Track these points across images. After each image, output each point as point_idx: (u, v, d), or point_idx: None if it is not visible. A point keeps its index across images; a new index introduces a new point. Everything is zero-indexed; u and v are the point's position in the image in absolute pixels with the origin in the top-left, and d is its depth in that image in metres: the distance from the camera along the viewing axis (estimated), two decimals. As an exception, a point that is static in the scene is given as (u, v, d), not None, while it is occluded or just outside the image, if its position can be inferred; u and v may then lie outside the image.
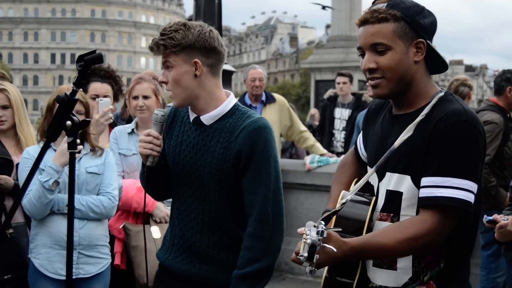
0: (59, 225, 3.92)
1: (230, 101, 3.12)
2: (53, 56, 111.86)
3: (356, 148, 2.97)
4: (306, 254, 2.27)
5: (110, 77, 5.10)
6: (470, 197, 2.38)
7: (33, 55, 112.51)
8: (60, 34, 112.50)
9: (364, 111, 7.65)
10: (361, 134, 2.94)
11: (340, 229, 2.46)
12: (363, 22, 2.52)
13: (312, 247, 2.26)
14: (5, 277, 4.07)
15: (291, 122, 7.80)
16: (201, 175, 3.05)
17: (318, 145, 8.06)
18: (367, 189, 2.69)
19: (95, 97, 4.82)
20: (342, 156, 7.87)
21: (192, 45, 2.98)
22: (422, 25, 2.49)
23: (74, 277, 3.92)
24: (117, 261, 4.48)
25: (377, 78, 2.52)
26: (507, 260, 4.41)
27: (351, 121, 8.95)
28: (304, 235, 2.30)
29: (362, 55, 2.57)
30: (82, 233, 4.00)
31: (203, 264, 3.08)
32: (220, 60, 3.09)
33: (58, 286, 3.94)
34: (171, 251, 3.19)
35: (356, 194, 2.64)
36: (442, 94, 2.51)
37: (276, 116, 7.67)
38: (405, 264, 2.51)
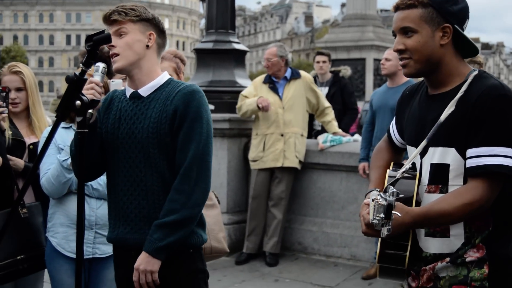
0: (76, 204, 3.94)
1: (164, 75, 3.37)
2: (68, 38, 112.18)
3: (389, 134, 3.16)
4: (382, 215, 2.46)
5: None
6: None
7: (49, 37, 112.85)
8: (75, 15, 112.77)
9: (377, 89, 7.66)
10: (393, 121, 3.14)
11: (402, 195, 2.63)
12: (396, 8, 2.76)
13: (389, 207, 2.46)
14: (18, 258, 4.10)
15: (316, 98, 7.91)
16: (140, 142, 3.22)
17: (335, 123, 8.11)
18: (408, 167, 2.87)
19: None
20: (356, 136, 7.92)
21: (150, 20, 3.30)
22: (450, 11, 2.68)
23: (90, 256, 4.02)
24: None
25: (405, 59, 2.75)
26: None
27: (328, 97, 9.05)
28: (373, 201, 2.48)
29: (395, 37, 2.79)
30: (99, 212, 4.05)
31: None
32: (164, 46, 3.41)
33: (75, 265, 3.97)
34: (119, 226, 3.31)
35: (400, 170, 2.83)
36: (476, 72, 2.71)
37: (298, 92, 7.78)
38: (457, 231, 2.71)
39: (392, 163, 2.98)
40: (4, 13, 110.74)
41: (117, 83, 4.59)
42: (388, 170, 2.88)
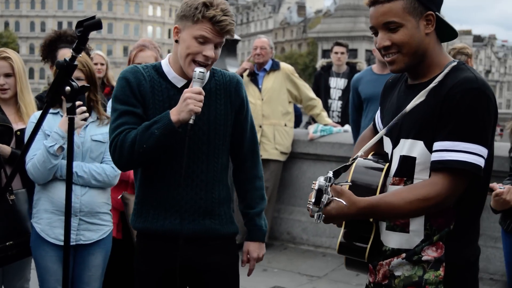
0: (61, 191, 3.94)
1: None
2: (60, 25, 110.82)
3: (374, 124, 3.05)
4: (313, 200, 2.37)
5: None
6: (480, 161, 2.47)
7: (40, 24, 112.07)
8: (67, 2, 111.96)
9: (358, 74, 7.63)
10: (379, 110, 3.02)
11: (350, 183, 2.60)
12: (373, 2, 2.61)
13: (319, 192, 2.37)
14: (7, 244, 4.12)
15: (297, 90, 7.86)
16: (205, 133, 3.19)
17: (324, 114, 8.11)
18: (383, 157, 2.80)
19: None
20: (346, 126, 7.91)
21: None
22: None
23: (74, 243, 4.01)
24: (113, 232, 4.42)
25: (393, 54, 2.62)
26: (503, 229, 4.42)
27: (347, 90, 9.01)
28: (312, 185, 2.40)
29: (375, 33, 2.66)
30: (83, 199, 4.04)
31: (206, 219, 3.25)
32: None
33: (59, 251, 3.97)
34: (165, 217, 3.22)
35: (370, 160, 2.77)
36: (455, 63, 2.60)
37: (278, 83, 7.80)
38: (417, 227, 2.60)
39: (371, 153, 2.86)
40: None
41: None
42: (358, 158, 2.77)
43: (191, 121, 2.98)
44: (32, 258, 4.31)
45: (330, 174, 2.41)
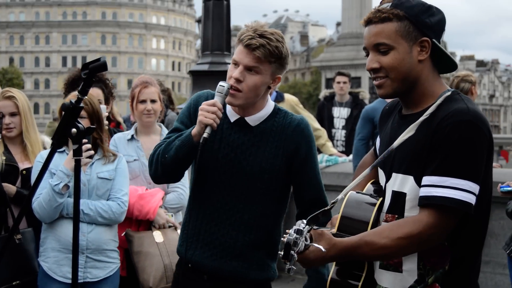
0: (67, 229, 3.95)
1: (270, 102, 3.19)
2: (64, 59, 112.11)
3: (375, 149, 2.92)
4: (282, 253, 2.25)
5: (100, 81, 5.15)
6: (469, 198, 2.33)
7: (45, 59, 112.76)
8: (71, 37, 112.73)
9: (371, 105, 7.59)
10: (379, 136, 2.87)
11: (341, 218, 2.52)
12: (368, 22, 2.51)
13: (287, 246, 2.24)
14: (13, 284, 4.10)
15: None
16: (247, 175, 3.06)
17: (329, 144, 8.13)
18: (379, 190, 2.66)
19: None
20: (350, 156, 7.90)
21: (285, 59, 3.02)
22: (427, 24, 2.45)
23: (81, 280, 4.00)
24: None
25: (381, 78, 2.50)
26: (508, 255, 4.34)
27: (351, 119, 9.03)
28: (283, 236, 2.29)
29: (367, 55, 2.55)
30: (90, 237, 4.04)
31: (234, 261, 3.11)
32: None
33: (67, 289, 3.96)
34: (196, 247, 3.16)
35: (363, 194, 2.64)
36: (449, 93, 2.47)
37: None
38: (410, 266, 2.47)
39: (371, 181, 2.74)
40: (0, 35, 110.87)
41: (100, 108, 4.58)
42: (350, 192, 2.63)
43: (205, 135, 2.87)
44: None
45: (301, 226, 2.29)
